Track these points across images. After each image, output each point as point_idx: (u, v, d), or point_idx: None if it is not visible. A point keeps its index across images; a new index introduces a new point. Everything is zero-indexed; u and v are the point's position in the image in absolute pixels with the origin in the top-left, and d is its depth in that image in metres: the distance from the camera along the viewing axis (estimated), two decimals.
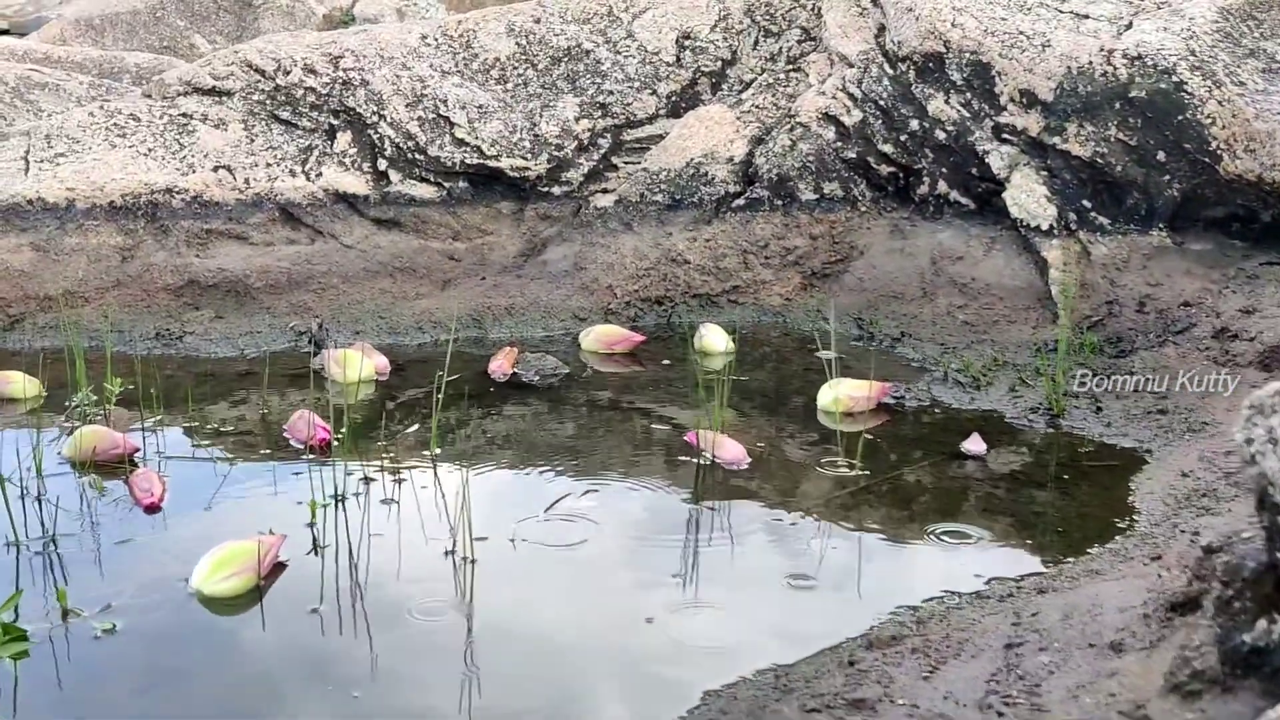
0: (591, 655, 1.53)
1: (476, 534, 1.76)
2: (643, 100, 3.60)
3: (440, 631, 1.56)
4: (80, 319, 2.87)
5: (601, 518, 1.93)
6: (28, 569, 1.72)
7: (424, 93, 3.49)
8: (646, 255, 3.21)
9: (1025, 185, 3.05)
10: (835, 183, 3.33)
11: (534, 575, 1.75)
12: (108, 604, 1.61)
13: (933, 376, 2.62)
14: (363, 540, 1.82)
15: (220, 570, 1.64)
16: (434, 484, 2.06)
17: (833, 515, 1.94)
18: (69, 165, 3.23)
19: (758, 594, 1.70)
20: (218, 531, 1.86)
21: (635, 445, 2.28)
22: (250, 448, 2.22)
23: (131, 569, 1.74)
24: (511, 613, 1.64)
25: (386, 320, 3.00)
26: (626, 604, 1.65)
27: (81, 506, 1.92)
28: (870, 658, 1.35)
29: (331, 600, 1.65)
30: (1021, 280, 2.95)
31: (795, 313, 3.14)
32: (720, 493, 2.03)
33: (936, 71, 3.29)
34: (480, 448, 2.26)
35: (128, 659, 1.50)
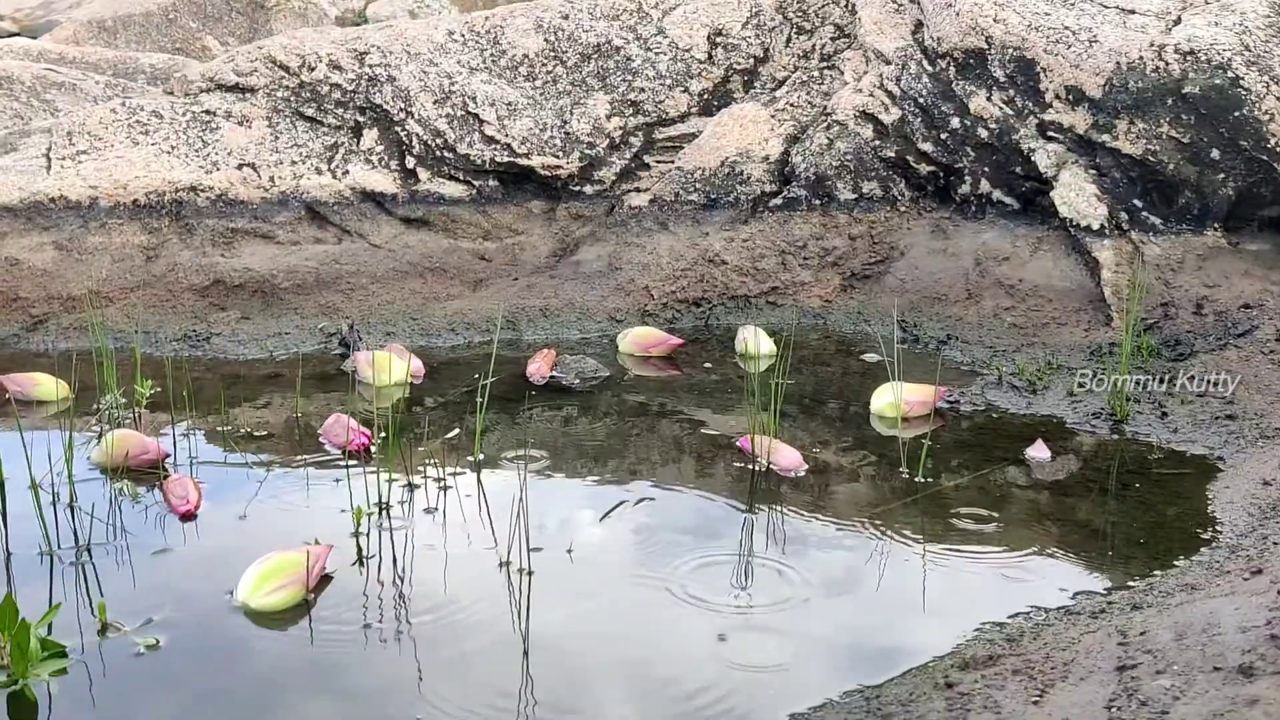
0: (665, 677, 1.45)
1: (530, 544, 1.68)
2: (675, 98, 3.52)
3: (500, 649, 1.48)
4: (105, 319, 2.79)
5: (658, 528, 1.84)
6: (62, 580, 1.64)
7: (452, 89, 3.41)
8: (683, 256, 3.13)
9: (1074, 184, 2.97)
10: (874, 182, 3.25)
11: (594, 588, 1.66)
12: (149, 618, 1.53)
13: (986, 380, 2.53)
14: (410, 550, 1.74)
15: (267, 583, 1.55)
16: (479, 491, 1.98)
17: (898, 525, 1.86)
18: (91, 163, 3.15)
19: (828, 608, 1.62)
20: (257, 541, 1.78)
21: (686, 451, 2.19)
22: (285, 452, 2.14)
23: (171, 580, 1.66)
24: (574, 629, 1.56)
25: (418, 322, 2.92)
26: (695, 620, 1.57)
27: (114, 514, 1.83)
28: (969, 679, 1.27)
29: (383, 615, 1.57)
30: (1071, 281, 2.87)
31: (835, 314, 3.06)
32: (779, 501, 1.94)
33: (978, 68, 3.21)
34: (524, 454, 2.18)
35: (171, 677, 1.42)
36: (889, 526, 1.85)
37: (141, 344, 2.70)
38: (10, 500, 1.75)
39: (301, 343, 2.80)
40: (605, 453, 2.18)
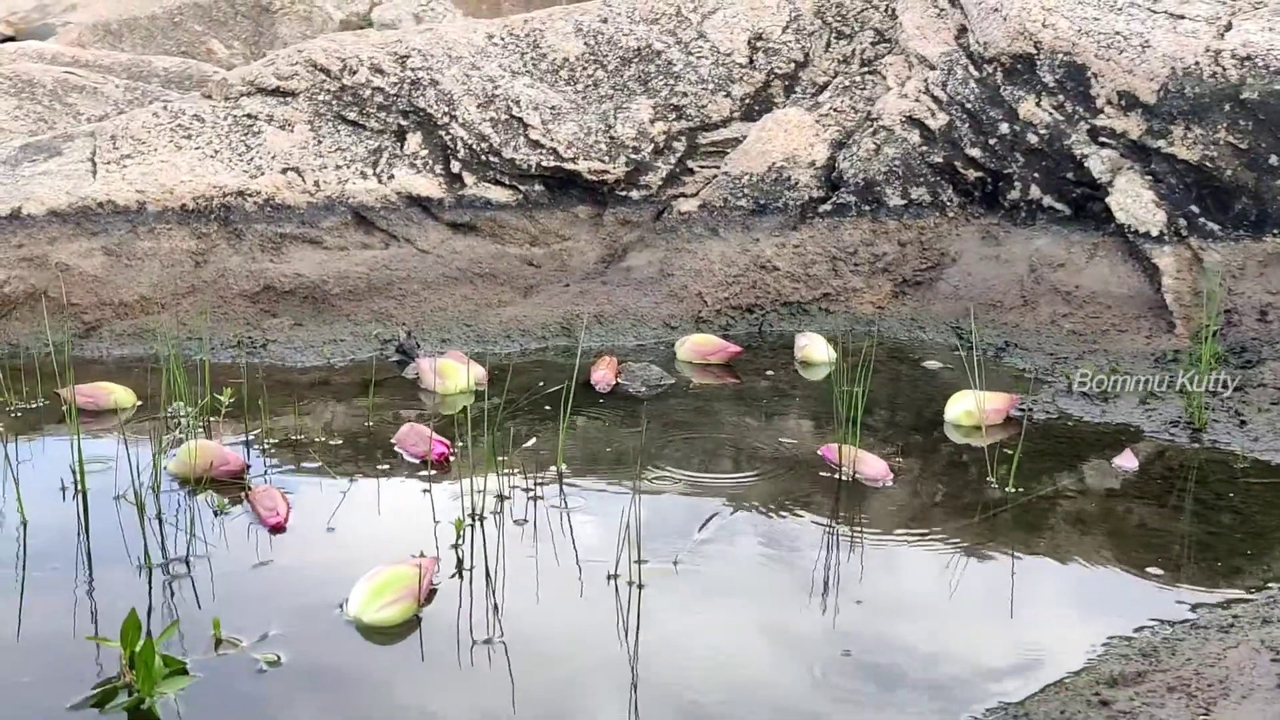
0: (793, 694, 1.42)
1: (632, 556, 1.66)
2: (717, 102, 3.50)
3: (623, 662, 1.45)
4: (158, 326, 2.75)
5: (757, 539, 1.82)
6: (163, 594, 1.60)
7: (495, 93, 3.39)
8: (734, 262, 3.11)
9: (1131, 190, 2.95)
10: (922, 188, 3.24)
11: (705, 601, 1.64)
12: (264, 633, 1.50)
13: (1055, 388, 2.52)
14: (509, 562, 1.71)
15: (379, 597, 1.52)
16: (565, 502, 1.95)
17: (996, 536, 1.84)
18: (136, 167, 3.12)
19: (941, 621, 1.60)
20: (352, 553, 1.75)
21: (766, 460, 2.17)
22: (362, 462, 2.11)
23: (274, 594, 1.63)
24: (693, 643, 1.53)
25: (472, 328, 2.89)
26: (814, 633, 1.54)
27: (203, 527, 1.80)
28: (1123, 697, 1.25)
29: (498, 630, 1.54)
30: (1129, 288, 2.86)
31: (889, 321, 3.04)
32: (872, 511, 1.92)
33: (1026, 73, 3.20)
34: (605, 463, 2.15)
35: (301, 695, 1.39)
36: (987, 538, 1.83)
37: (198, 351, 2.67)
38: (94, 513, 1.73)
39: (357, 350, 2.77)
40: (685, 462, 2.16)
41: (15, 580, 1.63)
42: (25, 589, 1.61)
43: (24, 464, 2.05)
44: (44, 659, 1.44)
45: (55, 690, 1.38)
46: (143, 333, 2.76)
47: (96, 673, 1.40)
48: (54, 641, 1.50)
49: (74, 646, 1.47)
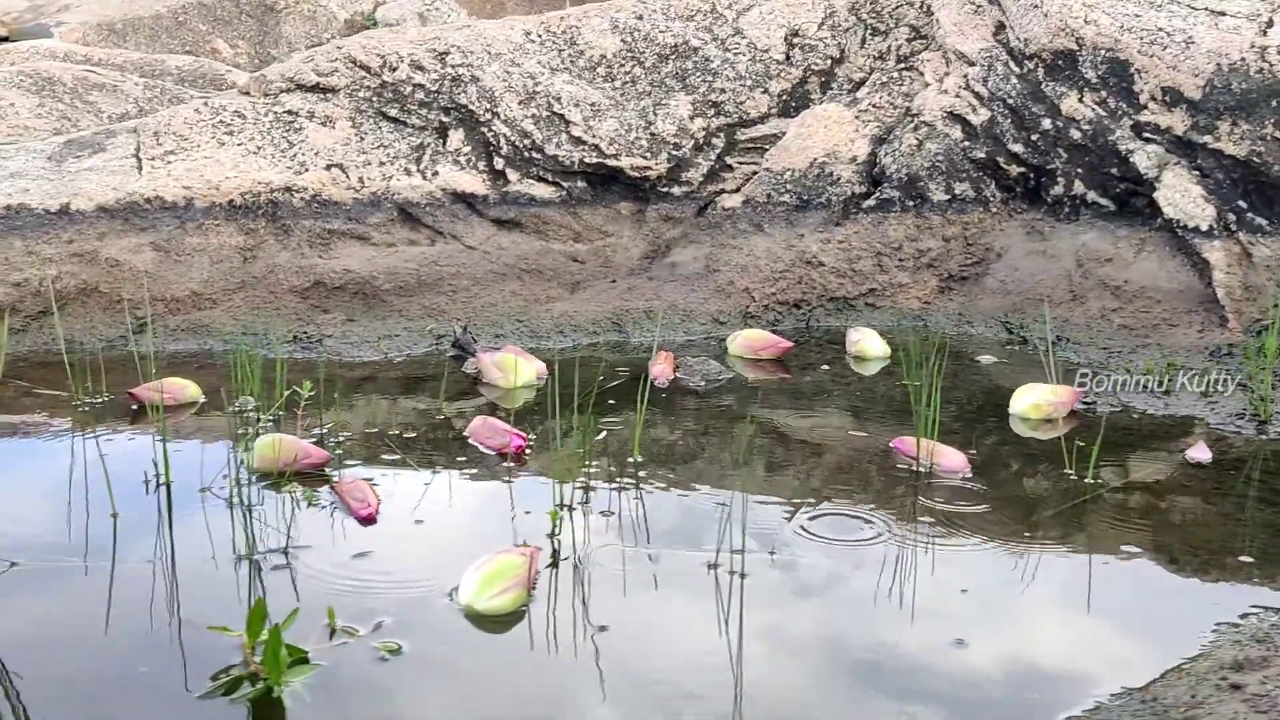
0: (913, 682, 1.43)
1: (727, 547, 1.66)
2: (755, 99, 3.51)
3: (730, 650, 1.45)
4: (211, 322, 2.75)
5: (848, 529, 1.83)
6: (266, 586, 1.60)
7: (536, 90, 3.39)
8: (780, 257, 3.12)
9: (1179, 185, 2.97)
10: (965, 183, 3.25)
11: (808, 591, 1.64)
12: (379, 622, 1.49)
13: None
14: (604, 552, 1.71)
15: (492, 585, 1.53)
16: (645, 493, 1.96)
17: (1084, 526, 1.85)
18: (181, 163, 3.11)
19: (1048, 607, 1.60)
20: (447, 544, 1.75)
21: (840, 452, 2.18)
22: (438, 455, 2.11)
23: (380, 584, 1.63)
24: (804, 631, 1.54)
25: (524, 324, 2.89)
26: (921, 622, 1.55)
27: (294, 519, 1.80)
28: (1254, 680, 1.26)
29: (604, 618, 1.54)
30: (1178, 283, 2.87)
31: (935, 316, 3.05)
32: (957, 502, 1.93)
33: (1068, 69, 3.21)
34: (679, 455, 2.16)
35: (427, 684, 1.39)
36: (1076, 527, 1.84)
37: (254, 346, 2.67)
38: (180, 507, 1.72)
39: (412, 345, 2.77)
40: (759, 454, 2.16)
41: (115, 573, 1.63)
42: (125, 582, 1.61)
43: (103, 458, 2.04)
44: (155, 650, 1.44)
45: (176, 680, 1.37)
46: (196, 328, 2.75)
47: (213, 663, 1.40)
48: (162, 633, 1.49)
49: (186, 637, 1.47)
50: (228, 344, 2.70)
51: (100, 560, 1.67)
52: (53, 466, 1.93)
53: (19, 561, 1.65)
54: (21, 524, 1.74)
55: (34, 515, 1.78)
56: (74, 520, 1.79)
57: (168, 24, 8.04)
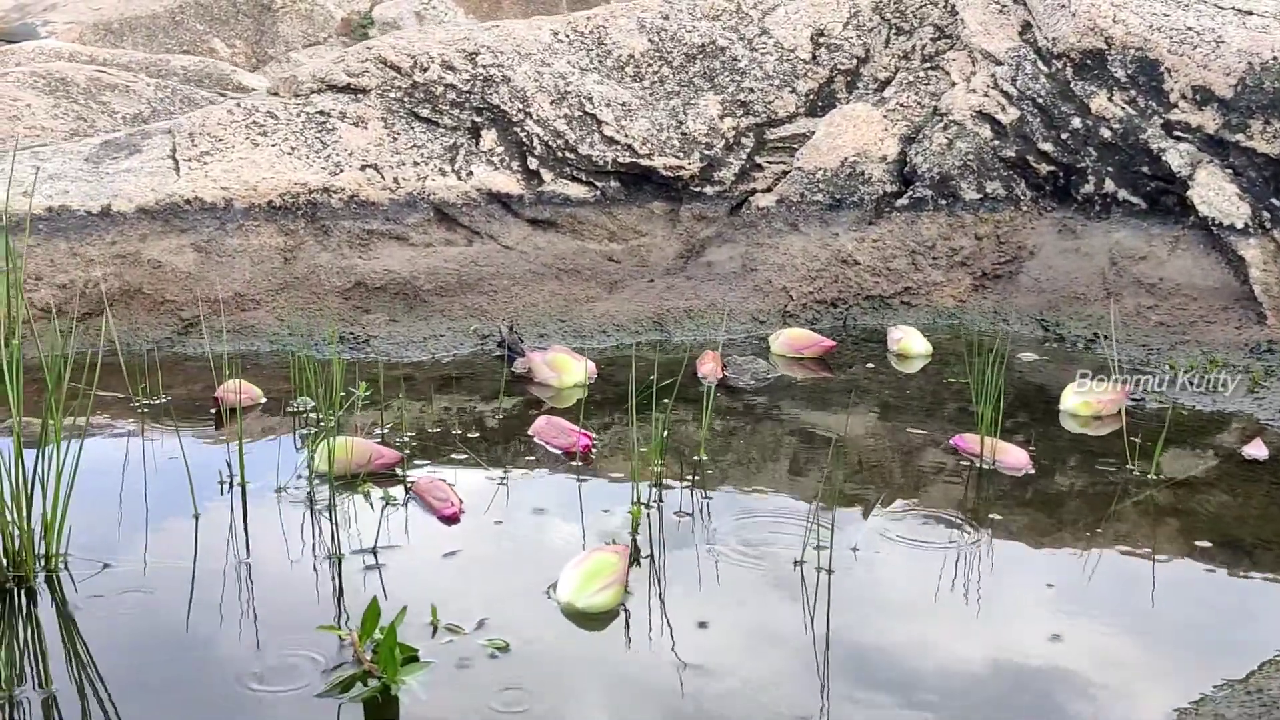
0: (1011, 677, 1.45)
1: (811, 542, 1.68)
2: (783, 98, 3.53)
3: (821, 646, 1.47)
4: (256, 323, 2.75)
5: (923, 524, 1.85)
6: (362, 585, 1.61)
7: (567, 90, 3.40)
8: (816, 256, 3.14)
9: (1213, 183, 3.00)
10: (996, 182, 3.28)
11: (894, 587, 1.66)
12: (481, 620, 1.51)
13: (1160, 378, 2.56)
14: (685, 550, 1.73)
15: (591, 583, 1.54)
16: (715, 491, 1.97)
17: (1155, 519, 1.87)
18: (217, 164, 3.11)
19: (1133, 598, 1.62)
20: (532, 543, 1.77)
21: (899, 450, 2.20)
22: (505, 454, 2.12)
23: (474, 582, 1.64)
24: (894, 629, 1.55)
25: (567, 323, 2.90)
26: (1010, 616, 1.57)
27: (376, 519, 1.81)
28: None
29: (701, 615, 1.56)
30: (1214, 280, 2.90)
31: (970, 314, 3.08)
32: (1025, 498, 1.95)
33: (1096, 68, 3.25)
34: (741, 453, 2.17)
35: (540, 680, 1.40)
36: (1147, 522, 1.86)
37: (299, 347, 2.67)
38: (257, 507, 1.74)
39: (458, 345, 2.77)
40: (821, 452, 2.18)
41: (204, 575, 1.63)
42: (217, 583, 1.61)
43: (173, 459, 2.05)
44: (261, 651, 1.45)
45: (287, 680, 1.38)
46: (242, 329, 2.75)
47: (320, 663, 1.41)
48: (265, 633, 1.50)
49: (289, 637, 1.48)
50: (274, 345, 2.70)
51: (187, 562, 1.67)
52: (126, 468, 1.93)
53: (110, 563, 1.65)
54: (106, 525, 1.74)
55: (115, 516, 1.78)
56: (155, 521, 1.80)
57: (165, 24, 8.02)
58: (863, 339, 2.95)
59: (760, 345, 2.84)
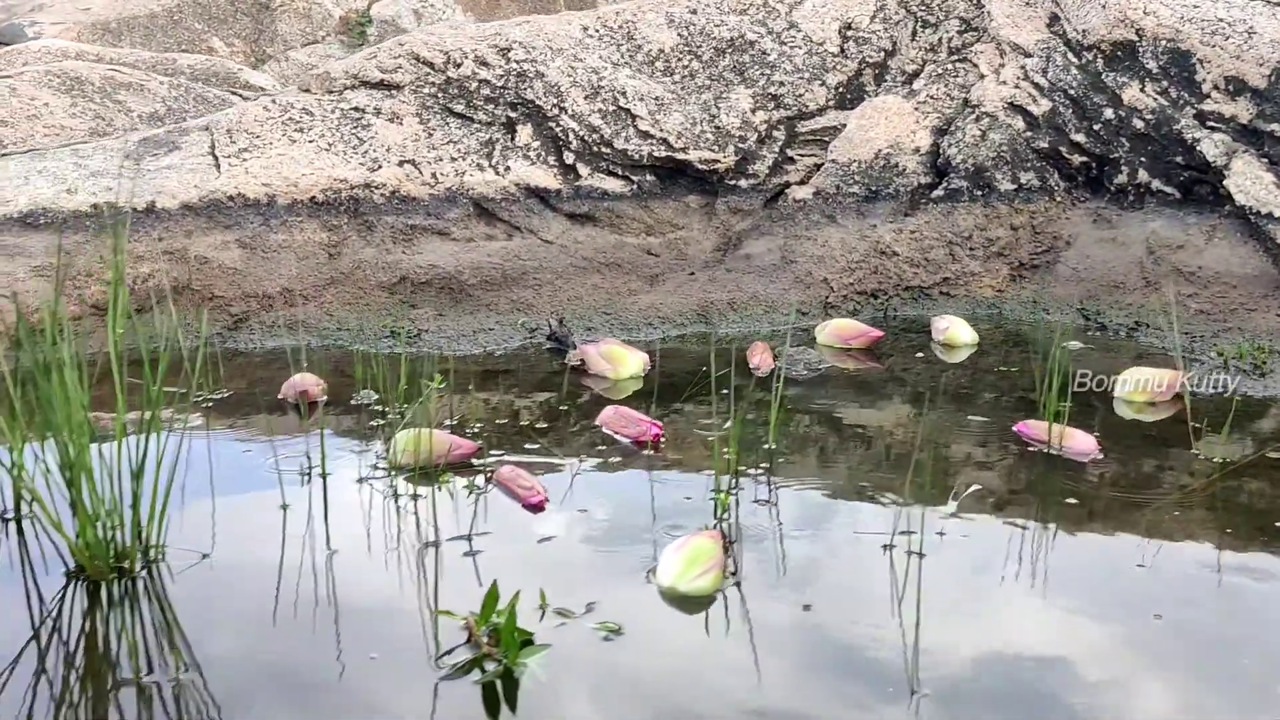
0: (1118, 658, 1.47)
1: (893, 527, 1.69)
2: (814, 91, 3.55)
3: (939, 628, 1.49)
4: (306, 318, 2.76)
5: (1005, 509, 1.86)
6: (461, 571, 1.62)
7: (600, 84, 3.41)
8: (854, 248, 3.16)
9: (1250, 172, 3.03)
10: (1030, 173, 3.30)
11: (984, 570, 1.68)
12: (589, 604, 1.52)
13: (1210, 364, 2.58)
14: (768, 534, 1.74)
15: (693, 568, 1.55)
16: (792, 478, 1.99)
17: (1230, 502, 1.90)
18: (256, 160, 3.11)
19: (1229, 577, 1.65)
20: (619, 529, 1.78)
21: (965, 437, 2.22)
22: (576, 444, 2.13)
23: (571, 567, 1.65)
24: (980, 610, 1.57)
25: (612, 316, 2.92)
26: (1107, 598, 1.59)
27: (463, 508, 1.82)
28: None
29: (805, 597, 1.57)
30: (1252, 268, 2.93)
31: (1009, 304, 3.10)
32: (1102, 482, 1.97)
33: (1127, 60, 3.27)
34: (809, 441, 2.19)
35: (658, 661, 1.42)
36: (1223, 504, 1.89)
37: (352, 341, 2.68)
38: (340, 497, 1.75)
39: (508, 339, 2.79)
40: (885, 437, 2.19)
41: (306, 563, 1.64)
42: (319, 572, 1.62)
43: (247, 452, 2.05)
44: (376, 637, 1.46)
45: (407, 664, 1.39)
46: (292, 325, 2.76)
47: (434, 646, 1.42)
48: (373, 619, 1.51)
49: (397, 622, 1.49)
50: (325, 340, 2.71)
51: (283, 551, 1.68)
52: (202, 461, 1.94)
53: (208, 553, 1.66)
54: (195, 517, 1.74)
55: (202, 508, 1.78)
56: (243, 512, 1.80)
57: (163, 23, 8.00)
58: (905, 330, 2.97)
59: (804, 337, 2.86)
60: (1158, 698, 1.36)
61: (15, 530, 1.72)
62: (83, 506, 1.51)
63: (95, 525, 1.52)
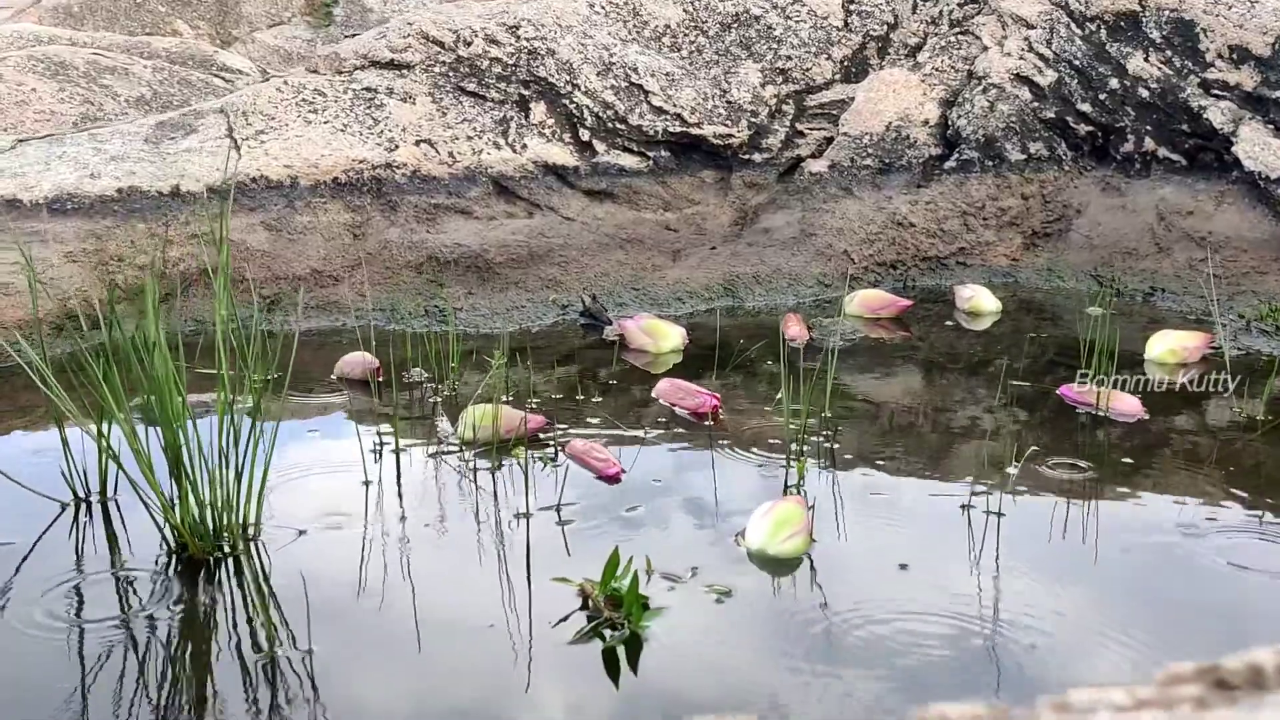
0: (1198, 605, 1.52)
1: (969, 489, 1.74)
2: (820, 65, 3.58)
3: (1034, 584, 1.53)
4: (339, 298, 2.77)
5: (1064, 471, 1.92)
6: (557, 539, 1.65)
7: (611, 61, 3.43)
8: (872, 219, 3.20)
9: (1257, 139, 3.10)
10: (1039, 143, 3.36)
11: (1059, 528, 1.73)
12: (693, 568, 1.55)
13: (1233, 327, 2.65)
14: (846, 498, 1.78)
15: (782, 530, 1.59)
16: (858, 445, 2.03)
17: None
18: (274, 142, 3.10)
19: None
20: (699, 497, 1.81)
21: (1012, 402, 2.27)
22: (637, 417, 2.16)
23: (664, 534, 1.68)
24: (1059, 567, 1.62)
25: (642, 291, 2.94)
26: (1180, 548, 1.65)
27: (541, 480, 1.84)
28: None
29: (900, 556, 1.62)
30: (1262, 232, 3.00)
31: (1025, 272, 3.16)
32: (1153, 442, 2.03)
33: (1130, 30, 3.34)
34: (863, 409, 2.23)
35: (769, 622, 1.45)
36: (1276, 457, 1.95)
37: (387, 321, 2.69)
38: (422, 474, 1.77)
39: (541, 316, 2.81)
40: (934, 403, 2.24)
41: (401, 537, 1.66)
42: (417, 545, 1.64)
43: (312, 431, 2.07)
44: (485, 606, 1.49)
45: (527, 631, 1.42)
46: (325, 305, 2.76)
47: (549, 611, 1.45)
48: (482, 589, 1.53)
49: (507, 591, 1.52)
50: (360, 320, 2.71)
51: (377, 526, 1.70)
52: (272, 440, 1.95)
53: (305, 530, 1.67)
54: (282, 495, 1.76)
55: (289, 488, 1.80)
56: (327, 489, 1.82)
57: (126, 6, 7.90)
58: (927, 299, 3.01)
59: (831, 308, 2.90)
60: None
61: (98, 512, 1.73)
62: (186, 486, 1.53)
63: (196, 505, 1.54)
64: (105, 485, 1.74)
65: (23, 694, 1.27)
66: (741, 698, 1.27)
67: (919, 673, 1.34)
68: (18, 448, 2.01)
